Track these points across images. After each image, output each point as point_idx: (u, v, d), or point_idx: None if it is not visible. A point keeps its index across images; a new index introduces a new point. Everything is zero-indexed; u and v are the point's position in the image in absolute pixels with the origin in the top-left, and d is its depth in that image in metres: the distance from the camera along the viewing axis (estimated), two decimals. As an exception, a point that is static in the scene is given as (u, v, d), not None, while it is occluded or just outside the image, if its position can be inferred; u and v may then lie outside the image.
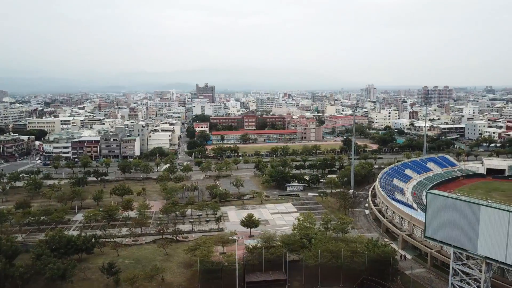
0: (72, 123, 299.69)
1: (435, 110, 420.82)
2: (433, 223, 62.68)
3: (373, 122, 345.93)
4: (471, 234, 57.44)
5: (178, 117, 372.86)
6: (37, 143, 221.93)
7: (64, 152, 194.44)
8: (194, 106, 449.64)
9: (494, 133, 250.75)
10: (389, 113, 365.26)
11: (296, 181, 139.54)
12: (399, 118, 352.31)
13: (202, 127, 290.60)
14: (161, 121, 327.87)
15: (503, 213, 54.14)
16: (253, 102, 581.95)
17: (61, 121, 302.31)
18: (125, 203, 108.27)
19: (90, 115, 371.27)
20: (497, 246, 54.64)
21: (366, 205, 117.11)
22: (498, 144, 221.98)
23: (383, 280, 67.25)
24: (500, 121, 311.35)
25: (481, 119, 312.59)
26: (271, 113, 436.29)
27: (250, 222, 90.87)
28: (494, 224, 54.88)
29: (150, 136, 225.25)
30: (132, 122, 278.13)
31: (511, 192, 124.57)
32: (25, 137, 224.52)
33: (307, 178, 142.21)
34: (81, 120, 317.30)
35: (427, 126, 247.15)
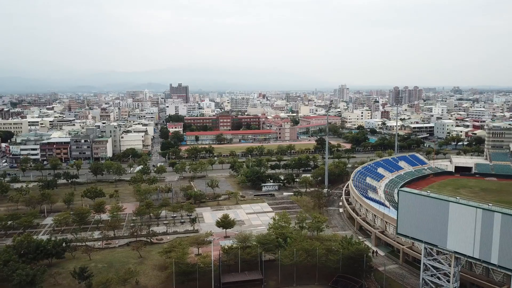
0: (41, 124, 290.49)
1: (405, 110, 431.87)
2: (405, 220, 64.22)
3: (346, 122, 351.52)
4: (441, 230, 59.16)
5: (152, 117, 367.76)
6: (3, 145, 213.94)
7: (32, 154, 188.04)
8: (167, 107, 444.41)
9: (461, 132, 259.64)
10: (362, 113, 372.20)
11: (272, 181, 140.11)
12: (371, 118, 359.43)
13: (176, 128, 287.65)
14: (133, 121, 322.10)
15: (471, 209, 56.02)
16: (228, 102, 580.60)
17: (28, 122, 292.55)
18: (97, 205, 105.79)
19: (60, 116, 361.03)
20: (465, 241, 56.49)
21: (340, 203, 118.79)
22: (465, 143, 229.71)
23: (357, 277, 68.37)
24: (467, 120, 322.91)
25: (449, 119, 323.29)
26: (246, 113, 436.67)
27: (225, 223, 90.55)
28: (462, 220, 56.70)
29: (122, 137, 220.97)
30: (103, 123, 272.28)
31: (478, 189, 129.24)
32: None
33: (282, 178, 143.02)
34: (50, 121, 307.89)
35: (398, 126, 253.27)
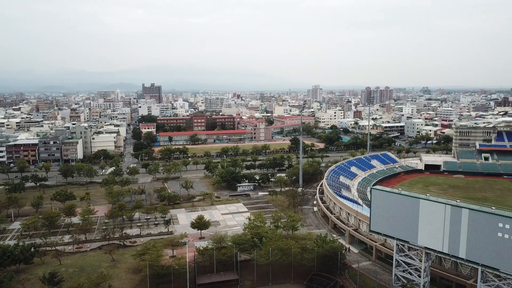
0: (7, 125, 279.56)
1: (377, 109, 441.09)
2: (377, 217, 65.58)
3: (320, 121, 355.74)
4: (412, 227, 60.74)
5: (124, 118, 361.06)
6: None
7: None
8: (140, 107, 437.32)
9: (430, 131, 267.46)
10: (335, 113, 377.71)
11: (247, 181, 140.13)
12: (344, 118, 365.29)
13: (148, 128, 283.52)
14: (105, 122, 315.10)
15: (440, 206, 57.76)
16: (202, 103, 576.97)
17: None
18: (67, 209, 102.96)
19: (27, 117, 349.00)
20: (435, 236, 58.20)
21: (315, 202, 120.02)
22: (434, 141, 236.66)
23: (332, 275, 69.19)
24: (435, 120, 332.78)
25: (419, 118, 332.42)
26: (220, 113, 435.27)
27: (200, 224, 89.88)
28: (432, 216, 58.39)
29: (93, 138, 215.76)
30: (73, 124, 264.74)
31: (447, 186, 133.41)
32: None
33: (257, 178, 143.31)
34: (16, 122, 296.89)
35: (371, 125, 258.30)
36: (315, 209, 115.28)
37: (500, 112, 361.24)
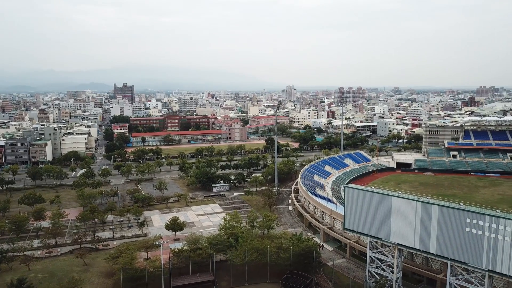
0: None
1: (350, 109, 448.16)
2: (351, 215, 66.60)
3: (294, 121, 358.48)
4: (385, 224, 62.00)
5: (95, 118, 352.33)
6: None
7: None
8: (112, 107, 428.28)
9: (401, 130, 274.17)
10: (309, 113, 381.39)
11: (222, 181, 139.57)
12: (318, 118, 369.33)
13: (121, 129, 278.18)
14: (75, 123, 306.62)
15: (411, 203, 59.23)
16: (176, 103, 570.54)
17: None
18: (36, 212, 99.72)
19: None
20: (407, 233, 59.62)
21: (290, 201, 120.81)
22: (405, 140, 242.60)
23: (307, 273, 69.82)
24: (406, 119, 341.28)
25: (391, 118, 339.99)
26: (194, 113, 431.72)
27: (175, 225, 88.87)
28: (404, 213, 59.78)
29: (63, 140, 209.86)
30: (42, 125, 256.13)
31: (417, 183, 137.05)
32: None
33: (232, 178, 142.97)
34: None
35: (344, 125, 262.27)
36: (290, 208, 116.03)
37: (466, 111, 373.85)
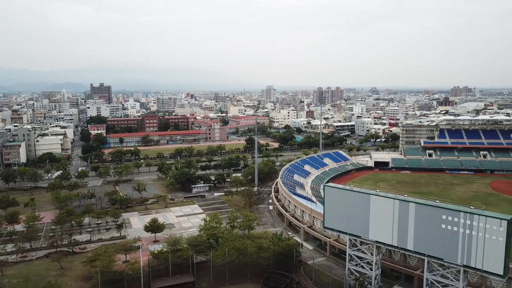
0: None
1: (329, 109, 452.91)
2: (331, 214, 67.29)
3: (274, 121, 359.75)
4: (364, 222, 62.89)
5: (71, 119, 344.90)
6: None
7: None
8: (88, 108, 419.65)
9: (379, 129, 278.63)
10: (288, 113, 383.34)
11: (202, 182, 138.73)
12: (297, 118, 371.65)
13: (98, 130, 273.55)
14: (50, 124, 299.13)
15: (389, 201, 60.26)
16: (154, 103, 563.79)
17: None
18: (9, 216, 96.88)
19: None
20: (385, 230, 60.64)
21: (270, 201, 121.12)
22: (383, 139, 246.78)
23: (288, 272, 70.09)
24: (384, 119, 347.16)
25: (368, 117, 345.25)
26: (173, 113, 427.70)
27: (154, 227, 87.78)
28: (382, 211, 60.78)
29: (38, 141, 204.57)
30: (15, 126, 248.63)
31: (395, 182, 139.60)
32: None
33: (212, 178, 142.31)
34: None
35: (323, 124, 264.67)
36: (271, 207, 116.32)
37: (441, 111, 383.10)
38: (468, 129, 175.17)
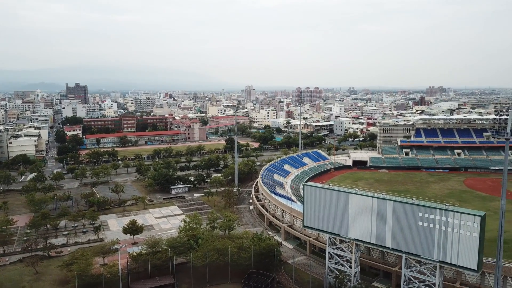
0: None
1: (308, 109, 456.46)
2: (310, 213, 67.78)
3: (254, 121, 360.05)
4: (343, 220, 63.61)
5: (45, 120, 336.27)
6: None
7: None
8: (64, 108, 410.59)
9: (357, 129, 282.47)
10: (268, 113, 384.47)
11: (181, 183, 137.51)
12: (277, 118, 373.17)
13: (74, 131, 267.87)
14: (24, 125, 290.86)
15: (367, 199, 61.16)
16: (132, 103, 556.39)
17: None
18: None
19: None
20: (364, 228, 61.51)
21: (250, 201, 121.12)
22: (361, 139, 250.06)
23: (268, 272, 70.20)
24: (361, 118, 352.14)
25: (347, 117, 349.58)
26: (151, 114, 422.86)
27: (133, 229, 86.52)
28: (360, 209, 61.62)
29: (10, 142, 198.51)
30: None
31: (373, 180, 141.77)
32: None
33: (192, 179, 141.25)
34: None
35: (302, 124, 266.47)
36: (251, 207, 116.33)
37: (417, 110, 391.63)
38: (443, 128, 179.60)
